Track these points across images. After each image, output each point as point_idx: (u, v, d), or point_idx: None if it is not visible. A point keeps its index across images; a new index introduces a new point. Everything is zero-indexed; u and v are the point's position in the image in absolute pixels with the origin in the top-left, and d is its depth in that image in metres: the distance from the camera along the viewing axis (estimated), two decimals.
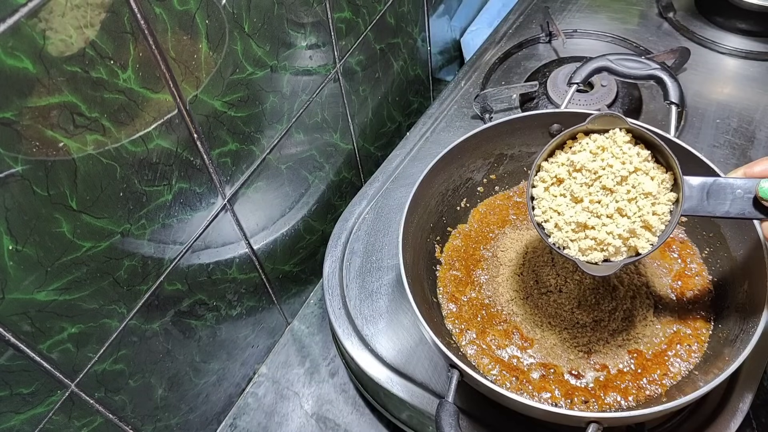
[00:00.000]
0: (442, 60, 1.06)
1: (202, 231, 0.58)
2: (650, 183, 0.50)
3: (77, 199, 0.43)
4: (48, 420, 0.48)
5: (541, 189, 0.54)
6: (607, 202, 0.50)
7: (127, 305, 0.52)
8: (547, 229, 0.53)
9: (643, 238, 0.50)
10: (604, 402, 0.56)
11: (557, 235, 0.52)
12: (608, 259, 0.51)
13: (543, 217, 0.53)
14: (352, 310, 0.68)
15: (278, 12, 0.58)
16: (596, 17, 0.97)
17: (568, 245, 0.52)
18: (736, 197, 0.48)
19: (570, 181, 0.52)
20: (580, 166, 0.51)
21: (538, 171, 0.54)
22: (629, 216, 0.50)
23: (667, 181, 0.50)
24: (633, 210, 0.50)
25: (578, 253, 0.51)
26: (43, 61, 0.38)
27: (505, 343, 0.61)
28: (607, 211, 0.50)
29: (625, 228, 0.49)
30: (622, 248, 0.50)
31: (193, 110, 0.51)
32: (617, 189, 0.50)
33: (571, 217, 0.51)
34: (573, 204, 0.52)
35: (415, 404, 0.62)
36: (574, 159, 0.52)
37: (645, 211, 0.49)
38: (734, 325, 0.55)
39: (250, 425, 0.73)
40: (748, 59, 0.88)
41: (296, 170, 0.71)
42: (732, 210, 0.48)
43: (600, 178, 0.51)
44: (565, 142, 0.54)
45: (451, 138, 0.74)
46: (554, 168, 0.53)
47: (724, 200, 0.48)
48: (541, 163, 0.54)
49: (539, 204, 0.53)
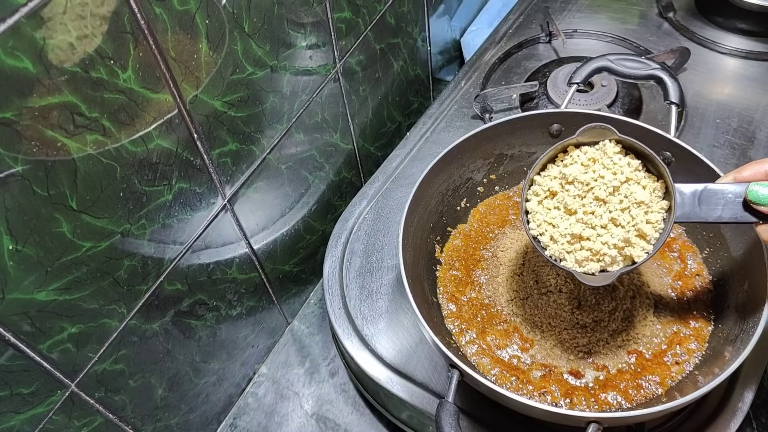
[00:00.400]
0: (442, 60, 1.06)
1: (202, 231, 0.58)
2: (642, 192, 0.50)
3: (77, 199, 0.43)
4: (48, 420, 0.48)
5: (534, 203, 0.54)
6: (600, 213, 0.51)
7: (127, 305, 0.52)
8: (543, 242, 0.53)
9: (638, 247, 0.50)
10: (604, 402, 0.56)
11: (553, 248, 0.53)
12: (605, 269, 0.51)
13: (538, 231, 0.54)
14: (352, 310, 0.68)
15: (278, 12, 0.58)
16: (596, 17, 0.97)
17: (564, 257, 0.52)
18: (727, 202, 0.49)
19: (563, 193, 0.53)
20: (572, 179, 0.52)
21: (531, 185, 0.55)
22: (623, 225, 0.50)
23: (659, 189, 0.51)
24: (626, 219, 0.50)
25: (575, 265, 0.52)
26: (43, 61, 0.38)
27: (505, 343, 0.61)
28: (601, 221, 0.51)
29: (620, 237, 0.50)
30: (618, 257, 0.50)
31: (193, 110, 0.51)
32: (610, 199, 0.51)
33: (566, 229, 0.52)
34: (567, 216, 0.53)
35: (415, 404, 0.62)
36: (566, 172, 0.52)
37: (638, 220, 0.50)
38: (734, 325, 0.55)
39: (250, 425, 0.73)
40: (748, 59, 0.88)
41: (296, 170, 0.71)
42: (724, 215, 0.49)
43: (592, 190, 0.51)
44: (557, 155, 0.54)
45: (451, 138, 0.74)
46: (547, 181, 0.54)
47: (715, 206, 0.49)
48: (533, 177, 0.54)
49: (534, 218, 0.54)
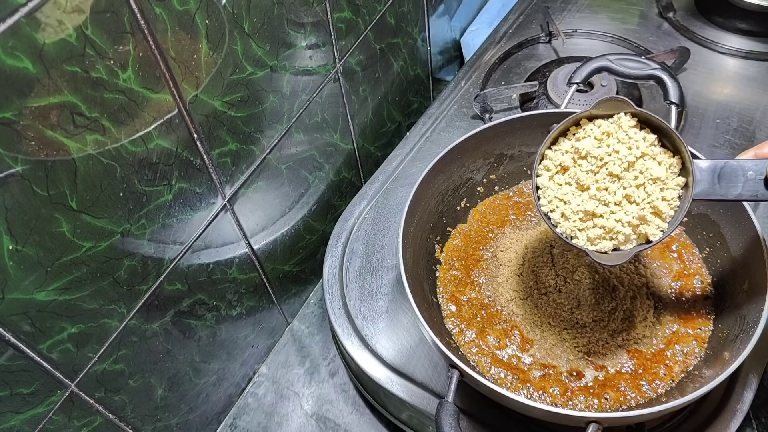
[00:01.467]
0: (442, 60, 1.06)
1: (202, 231, 0.58)
2: (658, 168, 0.48)
3: (77, 199, 0.43)
4: (48, 420, 0.48)
5: (546, 178, 0.52)
6: (614, 189, 0.49)
7: (127, 305, 0.52)
8: (553, 219, 0.51)
9: (654, 225, 0.48)
10: (604, 402, 0.56)
11: (564, 225, 0.51)
12: (618, 248, 0.50)
13: (549, 207, 0.52)
14: (352, 310, 0.68)
15: (278, 12, 0.58)
16: (596, 17, 0.97)
17: (576, 235, 0.50)
18: (748, 179, 0.47)
19: (575, 168, 0.51)
20: (585, 153, 0.50)
21: (542, 159, 0.52)
22: (638, 203, 0.48)
23: (675, 165, 0.49)
24: (641, 196, 0.48)
25: (587, 243, 0.50)
26: (43, 61, 0.38)
27: (505, 343, 0.61)
28: (614, 198, 0.49)
29: (635, 215, 0.48)
30: (632, 236, 0.49)
31: (193, 110, 0.51)
32: (624, 175, 0.49)
33: (578, 206, 0.50)
34: (579, 192, 0.50)
35: (415, 404, 0.62)
36: (579, 146, 0.50)
37: (654, 197, 0.48)
38: (734, 325, 0.55)
39: (250, 425, 0.73)
40: (748, 59, 0.88)
41: (296, 170, 0.71)
42: (745, 192, 0.47)
43: (606, 165, 0.49)
44: (569, 128, 0.52)
45: (451, 138, 0.74)
46: (558, 156, 0.52)
47: (736, 183, 0.47)
48: (545, 151, 0.52)
49: (545, 193, 0.52)
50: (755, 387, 0.58)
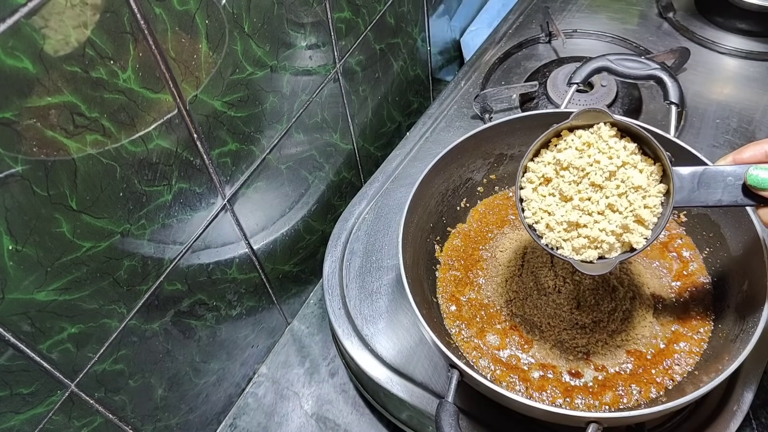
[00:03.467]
0: (442, 60, 1.06)
1: (202, 231, 0.58)
2: (639, 176, 0.49)
3: (77, 199, 0.43)
4: (48, 420, 0.48)
5: (529, 190, 0.53)
6: (597, 199, 0.49)
7: (127, 305, 0.52)
8: (538, 230, 0.52)
9: (637, 233, 0.49)
10: (604, 402, 0.56)
11: (549, 236, 0.51)
12: (603, 257, 0.50)
13: (533, 219, 0.52)
14: (352, 310, 0.68)
15: (278, 12, 0.58)
16: (596, 17, 0.97)
17: (561, 245, 0.51)
18: (727, 185, 0.47)
19: (558, 179, 0.51)
20: (567, 164, 0.50)
21: (524, 172, 0.53)
22: (621, 211, 0.49)
23: (656, 173, 0.49)
24: (624, 205, 0.49)
25: (572, 253, 0.51)
26: (43, 61, 0.38)
27: (504, 343, 0.61)
28: (597, 207, 0.49)
29: (618, 224, 0.49)
30: (616, 244, 0.49)
31: (193, 110, 0.52)
32: (606, 185, 0.49)
33: (562, 217, 0.50)
34: (563, 203, 0.51)
35: (415, 404, 0.62)
36: (560, 157, 0.51)
37: (636, 205, 0.49)
38: (734, 325, 0.55)
39: (250, 425, 0.73)
40: (748, 59, 0.88)
41: (296, 170, 0.71)
42: (724, 198, 0.47)
43: (588, 175, 0.50)
44: (550, 140, 0.53)
45: (451, 138, 0.74)
46: (541, 167, 0.52)
47: (715, 189, 0.47)
48: (527, 163, 0.53)
49: (528, 205, 0.53)
50: (755, 387, 0.58)
